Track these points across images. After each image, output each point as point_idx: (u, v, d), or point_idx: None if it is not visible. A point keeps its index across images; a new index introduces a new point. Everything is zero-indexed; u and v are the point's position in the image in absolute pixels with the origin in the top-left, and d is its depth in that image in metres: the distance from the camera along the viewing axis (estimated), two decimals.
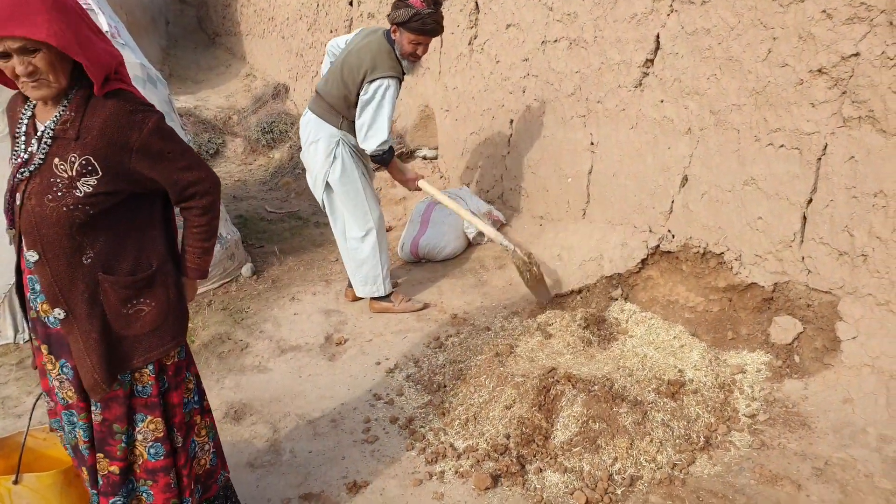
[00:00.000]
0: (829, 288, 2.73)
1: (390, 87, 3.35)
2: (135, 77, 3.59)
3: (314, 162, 3.61)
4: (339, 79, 3.43)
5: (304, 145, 3.67)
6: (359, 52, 3.39)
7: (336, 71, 3.47)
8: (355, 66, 3.37)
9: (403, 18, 3.26)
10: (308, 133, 3.61)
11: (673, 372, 2.86)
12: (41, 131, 1.59)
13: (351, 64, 3.39)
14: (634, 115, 3.54)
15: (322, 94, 3.55)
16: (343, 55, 3.49)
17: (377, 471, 2.57)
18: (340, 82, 3.43)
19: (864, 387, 2.50)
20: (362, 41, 3.44)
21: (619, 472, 2.38)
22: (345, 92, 3.43)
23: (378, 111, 3.35)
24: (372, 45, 3.38)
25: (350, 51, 3.46)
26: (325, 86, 3.53)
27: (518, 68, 4.44)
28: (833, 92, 2.60)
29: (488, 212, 4.58)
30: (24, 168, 1.58)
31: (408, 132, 6.14)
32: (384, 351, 3.43)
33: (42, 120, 1.60)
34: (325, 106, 3.53)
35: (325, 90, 3.53)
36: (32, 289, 1.70)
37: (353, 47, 3.45)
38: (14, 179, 1.60)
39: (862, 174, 2.55)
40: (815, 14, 2.59)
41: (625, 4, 3.47)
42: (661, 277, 3.48)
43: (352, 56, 3.42)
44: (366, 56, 3.35)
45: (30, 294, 1.71)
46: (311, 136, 3.59)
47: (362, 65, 3.35)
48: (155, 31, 12.34)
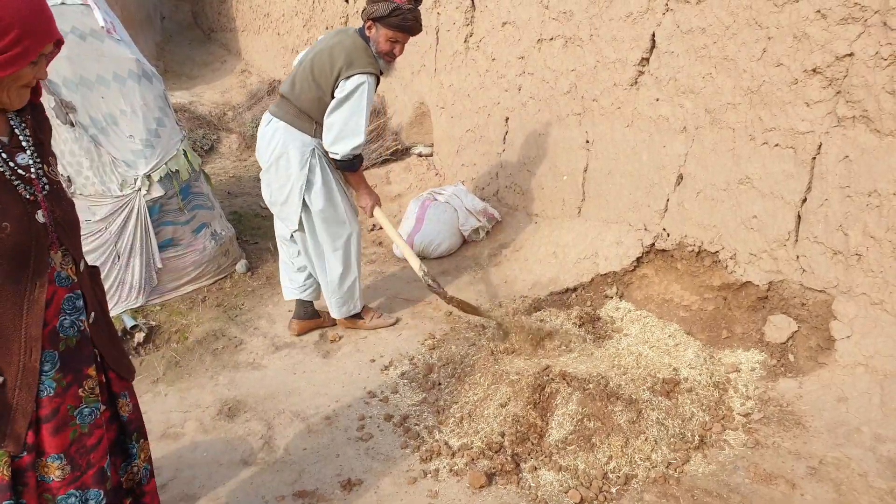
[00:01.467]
0: (824, 287, 2.73)
1: (368, 85, 3.04)
2: (130, 72, 3.57)
3: (284, 177, 3.17)
4: (309, 79, 3.08)
5: (269, 160, 3.19)
6: (331, 51, 3.07)
7: (305, 72, 3.10)
8: (328, 65, 3.05)
9: (383, 13, 3.00)
10: (274, 145, 3.16)
11: (668, 370, 2.86)
12: (23, 142, 1.50)
13: (322, 63, 3.06)
14: (630, 113, 3.54)
15: (289, 97, 3.15)
16: (312, 55, 3.13)
17: (371, 469, 2.56)
18: (312, 83, 3.08)
19: (859, 386, 2.51)
20: (332, 39, 3.15)
21: (614, 470, 2.38)
22: (318, 93, 3.08)
23: (355, 110, 3.03)
24: (345, 42, 3.08)
25: (320, 50, 3.11)
26: (293, 89, 3.14)
27: (514, 66, 4.44)
28: (827, 91, 2.60)
29: (483, 209, 4.58)
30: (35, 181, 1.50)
31: (403, 129, 6.13)
32: (379, 348, 3.43)
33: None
34: (295, 111, 3.14)
35: (294, 93, 3.14)
36: (73, 308, 1.59)
37: (324, 46, 3.13)
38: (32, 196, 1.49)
39: (856, 173, 2.56)
40: (809, 14, 2.60)
41: (620, 3, 3.47)
42: (656, 276, 3.48)
43: (323, 55, 3.08)
44: (339, 53, 3.04)
45: (66, 319, 1.58)
46: (277, 148, 3.15)
47: (336, 62, 3.03)
48: (150, 26, 12.28)
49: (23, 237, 1.43)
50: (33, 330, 1.46)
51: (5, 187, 1.42)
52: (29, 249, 1.44)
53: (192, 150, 4.04)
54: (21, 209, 1.43)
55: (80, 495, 1.58)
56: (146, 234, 3.73)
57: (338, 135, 3.05)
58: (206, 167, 6.65)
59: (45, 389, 1.51)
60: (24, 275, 1.44)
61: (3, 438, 1.45)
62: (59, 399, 1.53)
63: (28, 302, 1.45)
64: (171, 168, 3.76)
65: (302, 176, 3.14)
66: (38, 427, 1.51)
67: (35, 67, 1.42)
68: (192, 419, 2.93)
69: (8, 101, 1.43)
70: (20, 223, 1.42)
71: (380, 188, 5.63)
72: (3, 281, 1.41)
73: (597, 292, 3.64)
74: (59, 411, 1.53)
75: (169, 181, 3.78)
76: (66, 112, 3.44)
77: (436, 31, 5.33)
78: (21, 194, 1.45)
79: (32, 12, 1.34)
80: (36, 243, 1.46)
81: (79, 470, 1.57)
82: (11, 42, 1.32)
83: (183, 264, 3.96)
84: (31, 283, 1.46)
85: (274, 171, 3.19)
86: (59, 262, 1.55)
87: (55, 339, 1.53)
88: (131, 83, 3.58)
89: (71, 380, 1.57)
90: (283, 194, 3.21)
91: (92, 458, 1.62)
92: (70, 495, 1.57)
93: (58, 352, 1.54)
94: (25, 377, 1.46)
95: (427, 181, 5.59)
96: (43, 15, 1.37)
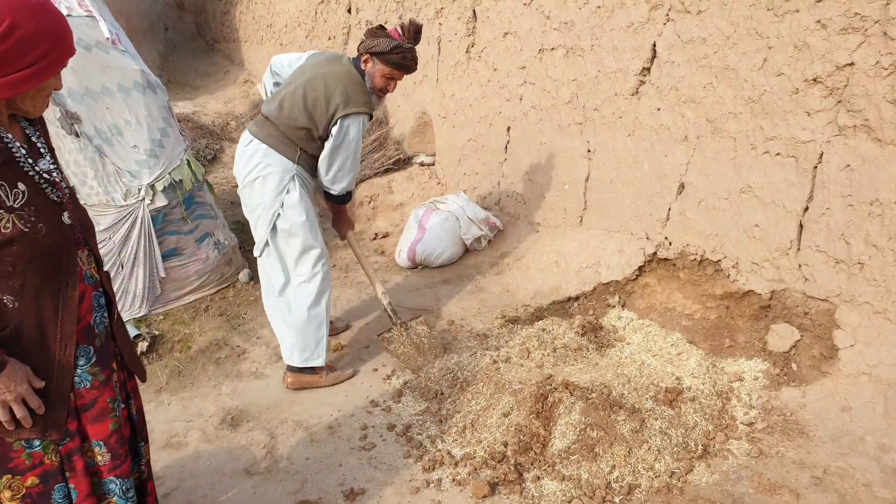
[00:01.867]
0: (826, 296, 2.73)
1: (363, 125, 3.00)
2: (135, 83, 3.60)
3: (260, 199, 3.03)
4: (300, 108, 2.95)
5: (247, 180, 3.05)
6: (325, 80, 2.94)
7: (296, 98, 2.96)
8: (323, 97, 2.93)
9: (383, 49, 2.93)
10: (253, 165, 3.01)
11: (670, 379, 2.86)
12: (41, 149, 1.59)
13: (317, 93, 2.94)
14: (631, 122, 3.56)
15: (274, 120, 3.01)
16: (303, 80, 2.99)
17: (374, 478, 2.56)
18: (303, 112, 2.95)
19: (862, 395, 2.50)
20: (327, 67, 3.01)
21: (617, 480, 2.38)
22: (308, 125, 2.97)
23: (352, 151, 3.00)
24: (341, 74, 2.97)
25: (313, 77, 2.97)
26: (281, 112, 2.99)
27: (515, 76, 4.46)
28: (828, 101, 2.61)
29: (485, 218, 4.59)
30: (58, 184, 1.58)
31: (405, 139, 6.15)
32: (381, 358, 3.43)
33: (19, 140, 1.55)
34: (279, 135, 3.00)
35: (282, 117, 2.99)
36: (98, 305, 1.67)
37: (317, 73, 2.98)
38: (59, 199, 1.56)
39: (858, 182, 2.56)
40: (810, 24, 2.61)
41: (621, 13, 3.49)
42: (659, 285, 3.49)
43: (316, 84, 2.95)
44: (335, 86, 2.93)
45: (96, 315, 1.67)
46: (257, 169, 3.00)
47: (332, 96, 2.92)
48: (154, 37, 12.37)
49: (56, 237, 1.51)
50: (69, 326, 1.56)
51: (36, 190, 1.50)
52: (61, 249, 1.54)
53: (195, 160, 4.06)
54: (51, 211, 1.52)
55: (121, 483, 1.68)
56: (150, 244, 3.74)
57: (337, 174, 3.05)
58: (209, 177, 6.67)
59: (81, 382, 1.61)
60: (58, 274, 1.53)
61: (46, 428, 1.55)
62: (97, 392, 1.63)
63: (63, 300, 1.55)
64: (175, 178, 3.78)
65: (276, 202, 3.01)
66: (78, 415, 1.62)
67: (56, 79, 1.51)
68: (195, 428, 2.93)
69: (31, 109, 1.52)
70: (52, 224, 1.51)
71: (382, 197, 5.65)
72: (41, 280, 1.49)
73: (599, 301, 3.64)
74: (98, 402, 1.63)
75: (172, 191, 3.79)
76: (71, 123, 3.46)
77: (438, 42, 5.36)
78: (49, 196, 1.53)
79: (61, 27, 1.44)
80: (66, 243, 1.55)
81: (119, 459, 1.68)
82: (43, 53, 1.41)
83: (186, 274, 3.97)
84: (65, 282, 1.55)
85: (248, 193, 3.07)
86: (85, 261, 1.63)
87: (90, 334, 1.63)
88: (136, 94, 3.61)
89: (107, 374, 1.67)
90: (254, 217, 3.09)
91: (127, 448, 1.73)
92: (111, 481, 1.67)
93: (93, 347, 1.63)
94: (61, 371, 1.56)
95: (429, 190, 5.61)
96: (67, 29, 1.47)
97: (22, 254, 1.44)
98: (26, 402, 1.49)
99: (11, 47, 1.37)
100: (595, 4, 3.66)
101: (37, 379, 1.52)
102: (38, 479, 1.56)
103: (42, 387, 1.52)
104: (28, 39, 1.38)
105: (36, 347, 1.52)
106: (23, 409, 1.48)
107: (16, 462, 1.54)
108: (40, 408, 1.51)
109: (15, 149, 1.49)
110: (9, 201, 1.43)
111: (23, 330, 1.49)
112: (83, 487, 1.64)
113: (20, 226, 1.43)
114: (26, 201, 1.46)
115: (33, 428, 1.52)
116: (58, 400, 1.56)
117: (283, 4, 9.24)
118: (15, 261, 1.44)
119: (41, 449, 1.56)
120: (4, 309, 1.47)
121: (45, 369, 1.54)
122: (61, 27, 1.44)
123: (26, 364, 1.50)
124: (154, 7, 12.99)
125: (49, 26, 1.41)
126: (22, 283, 1.47)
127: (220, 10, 13.06)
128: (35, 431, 1.53)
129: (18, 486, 1.55)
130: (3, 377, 1.44)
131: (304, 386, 3.20)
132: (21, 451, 1.55)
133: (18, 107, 1.50)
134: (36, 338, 1.51)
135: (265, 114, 3.06)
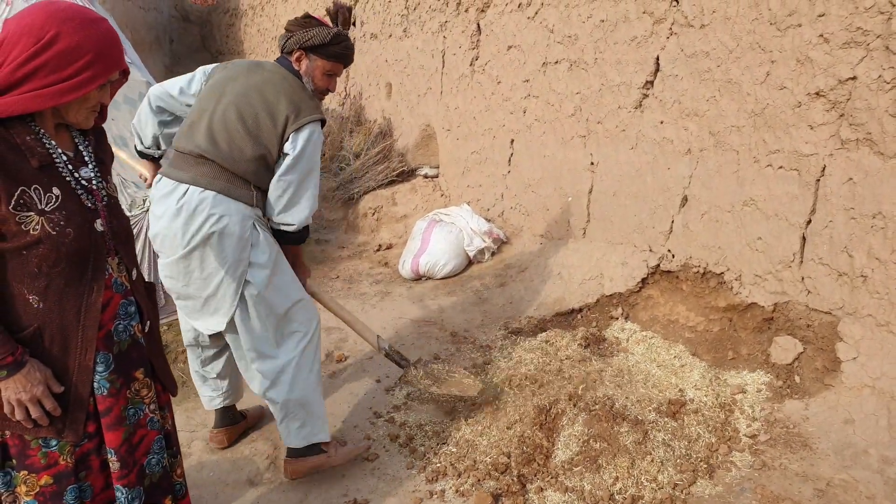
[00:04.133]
0: (829, 308, 2.74)
1: (320, 135, 2.44)
2: (140, 95, 3.63)
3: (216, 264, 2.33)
4: (240, 133, 2.33)
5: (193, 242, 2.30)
6: (261, 92, 2.37)
7: (229, 123, 2.34)
8: (265, 112, 2.35)
9: (320, 41, 2.43)
10: (200, 222, 2.29)
11: (674, 391, 2.86)
12: (86, 158, 1.64)
13: (255, 109, 2.35)
14: (634, 135, 3.58)
15: (213, 157, 2.33)
16: (228, 99, 2.37)
17: (377, 489, 2.56)
18: (246, 138, 2.33)
19: (865, 408, 2.50)
20: (254, 76, 2.43)
21: (621, 491, 2.37)
22: (258, 151, 2.35)
23: (309, 169, 2.41)
24: (276, 81, 2.42)
25: (243, 92, 2.38)
26: (216, 146, 2.33)
27: (519, 89, 4.49)
28: (831, 114, 2.63)
29: (489, 230, 4.60)
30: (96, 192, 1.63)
31: (409, 151, 6.19)
32: (384, 369, 3.43)
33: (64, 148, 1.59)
34: (226, 175, 2.33)
35: (220, 152, 2.33)
36: (126, 313, 1.69)
37: (245, 86, 2.39)
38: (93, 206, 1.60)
39: (860, 195, 2.57)
40: (812, 38, 2.63)
41: (625, 27, 3.52)
42: (662, 297, 3.49)
43: (251, 98, 2.37)
44: (276, 97, 2.37)
45: (120, 323, 1.68)
46: (207, 225, 2.28)
47: (276, 109, 2.35)
48: (159, 49, 12.46)
49: (84, 243, 1.54)
50: (90, 331, 1.58)
51: (70, 196, 1.54)
52: (88, 255, 1.56)
53: None
54: (83, 217, 1.55)
55: (128, 493, 1.69)
56: (154, 254, 3.75)
57: (292, 200, 2.41)
58: None
59: (100, 388, 1.63)
60: (83, 279, 1.56)
61: (63, 429, 1.57)
62: (113, 399, 1.65)
63: (86, 305, 1.57)
64: None
65: (244, 259, 2.36)
66: (98, 419, 1.64)
67: (101, 92, 1.56)
68: (198, 439, 2.93)
69: (77, 121, 1.57)
70: (81, 230, 1.54)
71: (386, 209, 5.67)
72: (65, 283, 1.53)
73: (602, 313, 3.65)
74: (114, 410, 1.65)
75: None
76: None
77: (442, 55, 5.40)
78: (84, 202, 1.57)
79: (106, 41, 1.50)
80: (95, 250, 1.58)
81: (127, 468, 1.68)
82: (84, 66, 1.46)
83: None
84: (90, 287, 1.58)
85: (198, 258, 2.33)
86: (115, 269, 1.66)
87: (110, 342, 1.65)
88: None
89: (122, 382, 1.68)
90: (211, 285, 2.37)
91: (136, 456, 1.73)
92: (119, 489, 1.69)
93: (112, 354, 1.65)
94: (81, 374, 1.59)
95: (433, 202, 5.63)
96: (115, 44, 1.53)
97: (48, 255, 1.48)
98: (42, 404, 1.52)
99: (53, 57, 1.42)
100: (598, 18, 3.69)
101: (56, 383, 1.54)
102: (51, 479, 1.59)
103: (61, 391, 1.55)
104: (70, 52, 1.44)
105: (58, 349, 1.55)
106: (38, 409, 1.51)
107: (32, 460, 1.57)
108: (56, 410, 1.54)
109: (56, 154, 1.54)
110: (41, 204, 1.48)
111: (45, 330, 1.53)
112: (99, 483, 1.67)
113: (48, 228, 1.47)
114: (58, 205, 1.50)
115: (50, 427, 1.55)
116: (76, 402, 1.59)
117: (289, 17, 9.31)
118: (41, 262, 1.48)
119: (57, 449, 1.59)
120: (29, 308, 1.51)
121: (65, 371, 1.57)
122: (107, 42, 1.50)
123: (48, 366, 1.54)
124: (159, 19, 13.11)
125: (94, 40, 1.47)
126: (47, 285, 1.51)
127: (226, 22, 13.17)
128: (52, 431, 1.56)
129: (33, 483, 1.58)
130: (20, 376, 1.48)
131: (310, 472, 2.60)
132: (38, 449, 1.58)
133: (64, 117, 1.55)
134: (58, 339, 1.55)
135: (189, 151, 2.35)
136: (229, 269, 2.34)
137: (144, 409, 1.75)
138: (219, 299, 2.39)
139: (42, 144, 1.51)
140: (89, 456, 1.65)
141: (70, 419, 1.58)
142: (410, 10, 5.86)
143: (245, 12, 11.80)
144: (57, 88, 1.45)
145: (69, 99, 1.47)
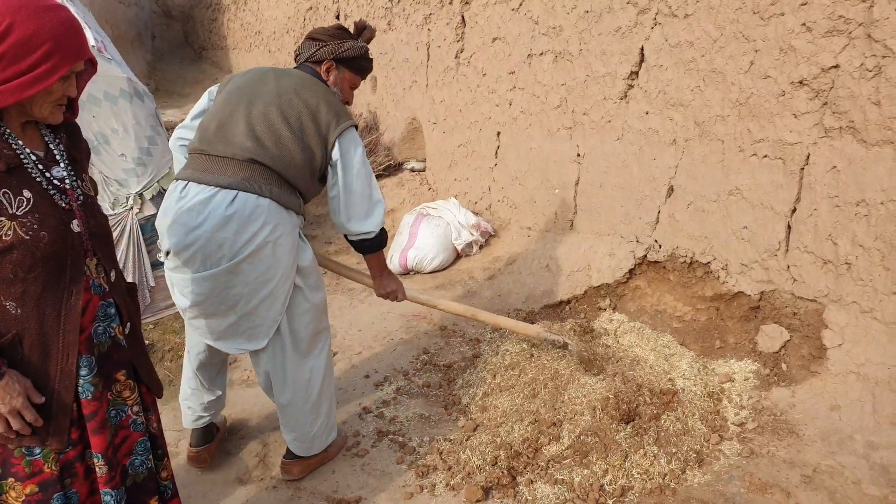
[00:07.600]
0: (815, 296, 2.76)
1: (360, 139, 2.37)
2: (121, 91, 3.59)
3: (266, 276, 2.21)
4: (288, 135, 2.21)
5: (245, 251, 2.16)
6: (299, 94, 2.26)
7: (275, 126, 2.21)
8: (308, 115, 2.24)
9: (355, 54, 2.42)
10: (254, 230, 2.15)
11: (664, 381, 2.87)
12: (57, 156, 1.57)
13: (297, 111, 2.23)
14: (620, 126, 3.58)
15: (265, 161, 2.19)
16: (266, 98, 2.24)
17: (367, 484, 2.55)
18: (293, 139, 2.21)
19: (851, 394, 2.52)
20: (285, 80, 2.30)
21: (611, 482, 2.38)
22: (307, 156, 2.25)
23: (368, 170, 2.34)
24: (309, 84, 2.31)
25: (280, 92, 2.26)
26: (263, 149, 2.19)
27: (504, 81, 4.47)
28: (814, 103, 2.64)
29: (476, 223, 4.60)
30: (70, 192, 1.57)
31: (395, 145, 6.16)
32: (373, 364, 3.42)
33: (33, 147, 1.53)
34: (278, 181, 2.22)
35: (273, 154, 2.20)
36: (105, 315, 1.64)
37: (280, 87, 2.27)
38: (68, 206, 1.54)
39: (844, 183, 2.59)
40: (795, 27, 2.64)
41: (609, 18, 3.51)
42: (649, 287, 3.50)
43: (289, 99, 2.24)
44: (316, 100, 2.26)
45: (100, 325, 1.64)
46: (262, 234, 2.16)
47: (320, 111, 2.25)
48: (141, 45, 12.33)
49: (60, 246, 1.49)
50: (71, 335, 1.54)
51: (42, 198, 1.48)
52: (65, 257, 1.51)
53: None
54: (57, 219, 1.49)
55: (115, 494, 1.66)
56: (139, 253, 3.72)
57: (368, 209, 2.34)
58: None
59: (84, 392, 1.59)
60: (61, 282, 1.51)
61: (47, 437, 1.54)
62: (98, 403, 1.61)
63: (66, 308, 1.52)
64: (164, 186, 3.77)
65: (293, 270, 2.29)
66: (81, 424, 1.60)
67: (65, 84, 1.48)
68: (186, 438, 2.91)
69: (43, 116, 1.50)
70: (56, 232, 1.48)
71: None
72: (42, 288, 1.47)
73: (590, 304, 3.66)
74: (98, 413, 1.61)
75: (161, 199, 3.78)
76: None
77: (427, 48, 5.37)
78: (57, 203, 1.51)
79: (65, 29, 1.41)
80: (72, 252, 1.53)
81: (114, 471, 1.66)
82: (42, 56, 1.38)
83: None
84: (68, 291, 1.53)
85: (248, 268, 2.18)
86: (94, 270, 1.61)
87: (91, 345, 1.61)
88: (123, 102, 3.59)
89: (104, 384, 1.65)
90: (257, 297, 2.23)
91: (119, 457, 1.70)
92: (106, 493, 1.65)
93: (94, 357, 1.61)
94: (63, 380, 1.54)
95: (420, 196, 5.61)
96: (76, 32, 1.44)
97: (22, 261, 1.42)
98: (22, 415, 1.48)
99: (8, 49, 1.34)
100: (583, 9, 3.68)
101: (37, 394, 1.50)
102: (37, 488, 1.56)
103: (42, 402, 1.51)
104: (26, 41, 1.35)
105: (38, 355, 1.50)
106: (19, 420, 1.47)
107: (16, 469, 1.54)
108: (37, 421, 1.50)
109: (24, 155, 1.47)
110: (11, 209, 1.41)
111: (24, 337, 1.48)
112: (84, 490, 1.64)
113: (21, 233, 1.41)
114: (31, 209, 1.44)
115: (33, 436, 1.52)
116: (59, 409, 1.54)
117: (272, 11, 9.24)
118: (16, 267, 1.42)
119: (41, 457, 1.55)
120: (7, 314, 1.45)
121: (47, 378, 1.52)
122: (66, 29, 1.41)
123: (28, 375, 1.49)
124: (141, 15, 12.97)
125: (51, 28, 1.38)
126: (23, 290, 1.45)
127: (208, 17, 13.05)
128: (35, 440, 1.52)
129: (19, 492, 1.54)
130: None
131: (314, 468, 2.64)
132: (21, 458, 1.54)
133: (31, 113, 1.48)
134: (38, 346, 1.50)
135: (232, 155, 2.18)
136: (280, 280, 2.24)
137: (127, 411, 1.72)
138: (261, 315, 2.27)
139: (9, 145, 1.44)
140: (74, 463, 1.61)
141: (54, 426, 1.54)
142: (394, 3, 5.82)
143: (227, 7, 11.69)
144: (16, 83, 1.36)
145: (30, 93, 1.39)
